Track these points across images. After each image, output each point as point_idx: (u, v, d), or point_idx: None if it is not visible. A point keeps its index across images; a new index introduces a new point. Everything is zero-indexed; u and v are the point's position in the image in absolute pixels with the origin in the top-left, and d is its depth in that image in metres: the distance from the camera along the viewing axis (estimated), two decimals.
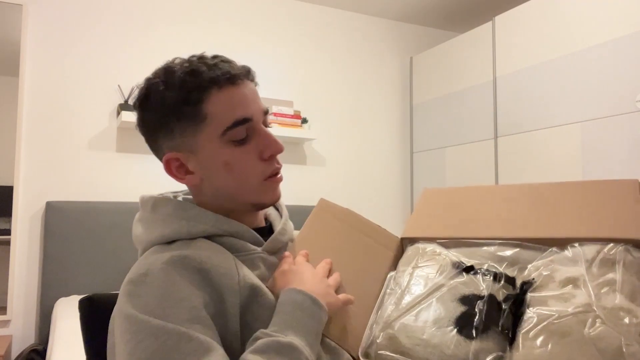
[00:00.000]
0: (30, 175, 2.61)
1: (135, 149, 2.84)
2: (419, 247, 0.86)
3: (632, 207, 0.77)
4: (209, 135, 0.78)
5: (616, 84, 2.22)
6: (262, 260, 0.81)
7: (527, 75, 2.65)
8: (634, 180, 0.81)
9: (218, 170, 0.79)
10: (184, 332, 0.64)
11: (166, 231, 0.79)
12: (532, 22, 2.63)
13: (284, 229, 0.89)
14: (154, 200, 0.84)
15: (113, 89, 2.80)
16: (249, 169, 0.79)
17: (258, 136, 0.80)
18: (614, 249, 0.70)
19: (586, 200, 0.81)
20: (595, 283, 0.67)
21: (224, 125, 0.77)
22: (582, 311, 0.64)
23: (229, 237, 0.80)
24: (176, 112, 0.77)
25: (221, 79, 0.77)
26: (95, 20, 2.80)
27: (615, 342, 0.60)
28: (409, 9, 3.52)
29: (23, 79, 2.61)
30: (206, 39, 3.06)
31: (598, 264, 0.69)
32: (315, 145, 3.35)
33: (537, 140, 2.58)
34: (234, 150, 0.78)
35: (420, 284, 0.78)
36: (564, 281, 0.68)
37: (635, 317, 0.63)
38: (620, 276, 0.67)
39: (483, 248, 0.80)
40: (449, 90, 3.21)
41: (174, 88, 0.77)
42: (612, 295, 0.65)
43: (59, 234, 2.56)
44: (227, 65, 0.79)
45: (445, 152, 3.23)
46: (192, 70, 0.77)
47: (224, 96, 0.77)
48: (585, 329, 0.62)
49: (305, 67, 3.36)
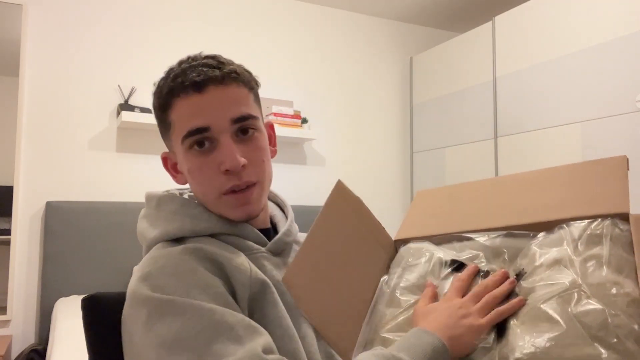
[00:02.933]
0: (30, 175, 2.61)
1: (136, 149, 2.84)
2: (411, 246, 0.85)
3: (619, 182, 0.75)
4: (175, 142, 0.81)
5: (616, 84, 2.22)
6: (266, 259, 0.81)
7: (527, 75, 2.64)
8: (622, 156, 0.80)
9: (187, 175, 0.82)
10: (226, 310, 0.64)
11: (170, 228, 0.79)
12: (532, 22, 2.62)
13: (289, 230, 0.88)
14: (158, 197, 0.84)
15: (113, 88, 2.80)
16: (207, 180, 0.79)
17: (220, 147, 0.78)
18: (600, 224, 0.69)
19: (574, 181, 0.80)
20: (581, 259, 0.66)
21: (181, 133, 0.78)
22: (567, 289, 0.63)
23: (233, 236, 0.81)
24: (156, 116, 0.84)
25: (186, 86, 0.77)
26: (95, 20, 2.80)
27: (600, 315, 0.59)
28: (409, 9, 3.52)
29: (23, 79, 2.61)
30: (206, 38, 3.06)
31: (585, 241, 0.68)
32: (315, 146, 3.35)
33: (537, 140, 2.58)
34: (196, 159, 0.79)
35: (411, 286, 0.78)
36: (551, 263, 0.68)
37: (622, 288, 0.62)
38: (608, 250, 0.66)
39: (473, 240, 0.80)
40: (449, 90, 3.21)
41: (157, 92, 0.82)
42: (598, 270, 0.64)
43: (59, 234, 2.55)
44: (200, 70, 0.77)
45: (445, 152, 3.23)
46: (166, 77, 0.81)
47: (185, 104, 0.77)
48: (570, 307, 0.62)
49: (305, 67, 3.36)
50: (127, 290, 0.72)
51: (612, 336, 0.58)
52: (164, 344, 0.62)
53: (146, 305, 0.66)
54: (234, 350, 0.60)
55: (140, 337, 0.66)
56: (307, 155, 3.32)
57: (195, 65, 0.78)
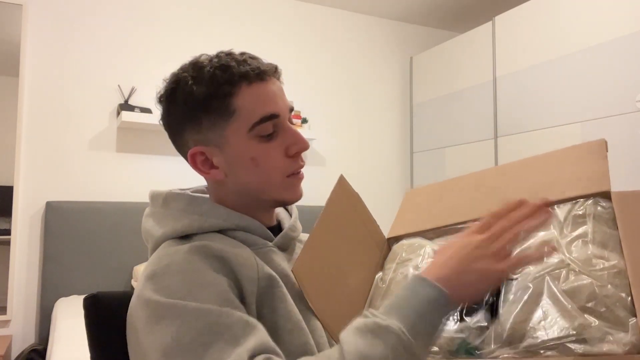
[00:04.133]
0: (30, 175, 2.61)
1: (135, 149, 2.84)
2: (403, 243, 0.87)
3: (599, 163, 0.78)
4: (236, 130, 0.78)
5: (616, 84, 2.22)
6: (274, 253, 0.82)
7: (527, 75, 2.65)
8: (601, 139, 0.83)
9: (244, 165, 0.79)
10: (223, 310, 0.64)
11: (178, 225, 0.79)
12: (532, 22, 2.63)
13: (294, 226, 0.89)
14: (165, 195, 0.84)
15: (113, 88, 2.80)
16: (274, 164, 0.79)
17: (284, 133, 0.80)
18: (583, 205, 0.72)
19: (556, 166, 0.83)
20: (567, 240, 0.68)
21: (252, 120, 0.77)
22: (555, 268, 0.65)
23: (241, 231, 0.81)
24: (205, 106, 0.78)
25: (251, 74, 0.78)
26: (95, 20, 2.80)
27: (588, 288, 0.61)
28: (409, 9, 3.52)
29: (23, 79, 2.61)
30: (207, 38, 3.06)
31: (570, 222, 0.71)
32: (315, 145, 3.35)
33: (538, 140, 2.58)
34: (261, 146, 0.79)
35: (404, 278, 0.79)
36: (538, 245, 0.70)
37: (607, 261, 0.63)
38: (592, 227, 0.68)
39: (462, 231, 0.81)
40: (449, 90, 3.21)
41: (203, 82, 0.77)
42: (584, 247, 0.66)
43: (59, 234, 2.55)
44: (255, 61, 0.80)
45: (445, 152, 3.23)
46: (221, 65, 0.78)
47: (253, 91, 0.78)
48: (560, 283, 0.63)
49: (305, 66, 3.36)
50: (135, 287, 0.72)
51: (601, 305, 0.60)
52: (160, 349, 0.63)
53: (146, 307, 0.67)
54: (230, 353, 0.60)
55: (142, 338, 0.66)
56: (307, 155, 3.29)
57: (246, 58, 0.79)
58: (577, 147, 0.85)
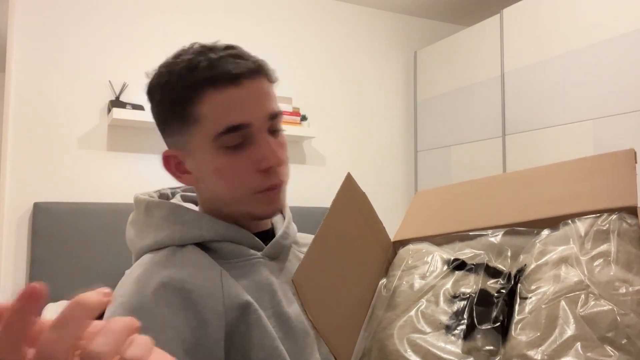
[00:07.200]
0: (16, 175, 2.59)
1: (127, 148, 2.83)
2: (410, 248, 0.84)
3: (626, 176, 0.75)
4: (201, 138, 0.75)
5: (630, 80, 2.20)
6: (263, 265, 0.79)
7: (536, 70, 2.63)
8: (630, 149, 0.80)
9: (210, 175, 0.77)
10: None
11: (159, 237, 0.78)
12: (541, 15, 2.62)
13: (286, 233, 0.86)
14: (147, 203, 0.83)
15: (104, 84, 2.79)
16: (240, 179, 0.75)
17: (255, 144, 0.75)
18: (607, 219, 0.68)
19: (580, 176, 0.79)
20: (588, 257, 0.64)
21: (217, 129, 0.73)
22: (574, 290, 0.61)
23: (227, 242, 0.78)
24: (171, 110, 0.76)
25: (219, 78, 0.73)
26: (85, 13, 2.77)
27: (609, 315, 0.57)
28: (413, 1, 3.51)
29: (9, 74, 2.58)
30: (202, 32, 3.02)
31: (592, 238, 0.67)
32: (315, 144, 3.32)
33: (547, 138, 2.57)
34: (226, 157, 0.75)
35: (410, 288, 0.76)
36: (556, 262, 0.66)
37: (631, 286, 0.60)
38: (615, 246, 0.64)
39: (475, 240, 0.79)
40: (455, 86, 3.21)
41: (171, 83, 0.75)
42: (607, 267, 0.62)
43: (47, 237, 2.53)
44: (232, 61, 0.74)
45: (451, 150, 3.23)
46: (189, 67, 0.74)
47: (220, 98, 0.73)
48: (577, 309, 0.59)
49: (305, 61, 3.34)
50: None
51: (622, 336, 0.56)
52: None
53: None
54: None
55: None
56: (306, 154, 3.29)
57: (223, 55, 0.74)
58: (603, 156, 0.81)
